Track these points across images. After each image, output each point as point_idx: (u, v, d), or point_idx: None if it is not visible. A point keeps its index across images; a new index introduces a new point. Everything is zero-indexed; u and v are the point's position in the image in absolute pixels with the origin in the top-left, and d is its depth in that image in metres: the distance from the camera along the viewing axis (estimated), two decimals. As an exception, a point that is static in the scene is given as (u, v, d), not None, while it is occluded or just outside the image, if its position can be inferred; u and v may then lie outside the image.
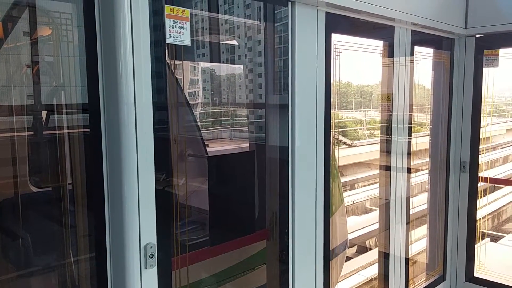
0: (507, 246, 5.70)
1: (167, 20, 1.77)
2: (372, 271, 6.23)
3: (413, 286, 3.64)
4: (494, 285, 3.80)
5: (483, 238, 4.00)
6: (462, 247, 3.89)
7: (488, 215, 4.21)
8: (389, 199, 3.26)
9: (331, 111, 2.60)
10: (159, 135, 1.80)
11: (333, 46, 2.58)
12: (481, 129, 3.74)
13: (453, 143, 3.81)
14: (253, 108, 3.41)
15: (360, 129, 17.20)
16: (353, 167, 13.44)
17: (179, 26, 1.80)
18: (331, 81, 2.58)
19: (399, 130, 3.22)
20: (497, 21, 3.45)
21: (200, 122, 4.00)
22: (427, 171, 3.93)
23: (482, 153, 3.78)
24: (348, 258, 6.20)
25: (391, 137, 3.21)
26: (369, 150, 13.24)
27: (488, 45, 3.64)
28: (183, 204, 2.28)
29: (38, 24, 2.67)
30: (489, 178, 3.83)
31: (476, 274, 3.90)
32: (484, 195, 3.88)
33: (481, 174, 3.78)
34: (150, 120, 1.73)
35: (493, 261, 4.02)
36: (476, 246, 3.88)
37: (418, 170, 3.70)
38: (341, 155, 12.45)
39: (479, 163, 3.76)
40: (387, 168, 3.28)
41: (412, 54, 3.26)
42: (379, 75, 3.23)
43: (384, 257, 3.36)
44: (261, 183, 2.60)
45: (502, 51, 3.62)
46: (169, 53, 1.97)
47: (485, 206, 3.93)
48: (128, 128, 1.67)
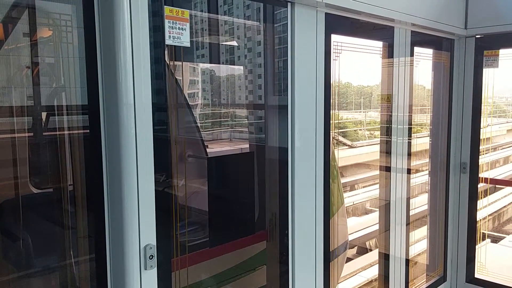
0: (508, 247, 5.69)
1: (166, 21, 1.77)
2: (372, 272, 6.23)
3: (413, 287, 3.63)
4: (494, 286, 3.79)
5: (483, 239, 3.99)
6: (462, 248, 3.88)
7: (488, 216, 4.20)
8: (389, 200, 3.25)
9: (331, 112, 2.60)
10: (158, 136, 1.80)
11: (332, 47, 2.58)
12: (481, 129, 3.74)
13: (453, 143, 3.80)
14: (253, 109, 3.41)
15: (360, 129, 17.18)
16: (353, 168, 13.43)
17: (179, 27, 1.80)
18: (331, 82, 2.58)
19: (399, 130, 3.21)
20: (497, 21, 3.45)
21: (200, 123, 4.00)
22: (427, 172, 3.93)
23: (483, 154, 3.77)
24: (348, 259, 6.20)
25: (391, 137, 3.21)
26: (369, 151, 13.23)
27: (488, 46, 3.63)
28: (183, 205, 2.28)
29: (37, 26, 2.67)
30: (490, 179, 3.82)
31: (476, 275, 3.89)
32: (485, 196, 3.88)
33: (481, 175, 3.78)
34: (150, 121, 1.73)
35: (493, 262, 4.01)
36: (476, 247, 3.87)
37: (418, 171, 3.70)
38: (341, 156, 12.44)
39: (479, 164, 3.75)
40: (387, 169, 3.28)
41: (412, 55, 3.26)
42: (379, 76, 3.23)
43: (385, 258, 3.36)
44: (261, 184, 2.60)
45: (502, 52, 3.61)
46: (169, 54, 1.97)
47: (485, 207, 3.93)
48: (128, 129, 1.67)
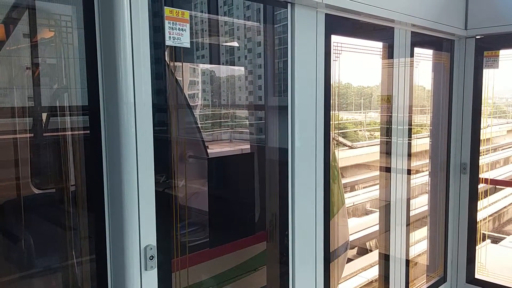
0: (508, 248, 5.69)
1: (166, 22, 1.77)
2: (373, 273, 6.22)
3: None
4: (495, 286, 3.78)
5: (484, 239, 3.99)
6: (462, 249, 3.88)
7: (489, 216, 4.19)
8: (390, 201, 3.25)
9: (330, 113, 2.60)
10: (159, 137, 1.80)
11: (332, 48, 2.58)
12: (481, 130, 3.74)
13: (453, 144, 3.80)
14: (253, 109, 3.41)
15: (360, 130, 17.17)
16: (353, 169, 13.43)
17: (179, 28, 1.80)
18: (331, 82, 2.58)
19: (399, 131, 3.21)
20: (497, 22, 3.45)
21: (200, 123, 4.00)
22: (427, 173, 3.92)
23: (483, 155, 3.77)
24: (348, 260, 6.19)
25: (391, 138, 3.21)
26: (369, 152, 13.22)
27: (488, 46, 3.63)
28: (183, 205, 2.28)
29: (38, 26, 2.67)
30: (490, 179, 3.82)
31: (477, 276, 3.89)
32: (485, 197, 3.87)
33: (481, 176, 3.78)
34: (150, 121, 1.73)
35: (494, 262, 4.00)
36: (477, 247, 3.87)
37: (418, 172, 3.70)
38: (341, 156, 12.43)
39: (479, 164, 3.75)
40: (387, 169, 3.28)
41: (412, 56, 3.26)
42: (379, 76, 3.23)
43: (385, 259, 3.36)
44: (261, 185, 2.60)
45: (502, 52, 3.61)
46: (169, 54, 1.97)
47: (485, 208, 3.92)
48: (128, 129, 1.68)
